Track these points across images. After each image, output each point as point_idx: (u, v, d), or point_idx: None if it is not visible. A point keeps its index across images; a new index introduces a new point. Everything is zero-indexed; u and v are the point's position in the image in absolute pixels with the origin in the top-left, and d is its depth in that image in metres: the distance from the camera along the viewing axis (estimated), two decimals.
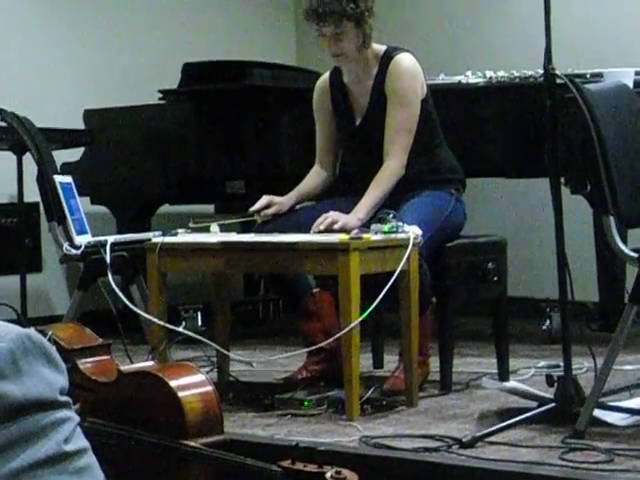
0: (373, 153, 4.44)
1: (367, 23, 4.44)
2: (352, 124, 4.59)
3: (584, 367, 4.34)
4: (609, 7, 6.40)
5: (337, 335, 3.95)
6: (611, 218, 3.56)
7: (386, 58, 4.49)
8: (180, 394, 3.24)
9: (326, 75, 4.70)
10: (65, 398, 0.94)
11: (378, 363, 4.83)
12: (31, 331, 0.94)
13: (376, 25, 4.48)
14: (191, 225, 4.65)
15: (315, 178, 4.66)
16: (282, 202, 4.53)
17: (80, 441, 0.94)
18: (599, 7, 6.44)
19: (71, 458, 0.93)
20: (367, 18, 4.44)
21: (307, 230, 4.22)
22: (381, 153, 4.42)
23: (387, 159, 4.40)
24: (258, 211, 4.51)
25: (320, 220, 4.21)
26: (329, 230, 4.16)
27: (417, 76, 4.48)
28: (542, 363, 4.81)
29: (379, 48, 4.52)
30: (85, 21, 6.74)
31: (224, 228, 4.53)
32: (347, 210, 4.29)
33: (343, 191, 4.59)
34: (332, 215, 4.23)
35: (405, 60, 4.48)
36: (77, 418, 0.96)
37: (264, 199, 4.53)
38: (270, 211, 4.50)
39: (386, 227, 4.01)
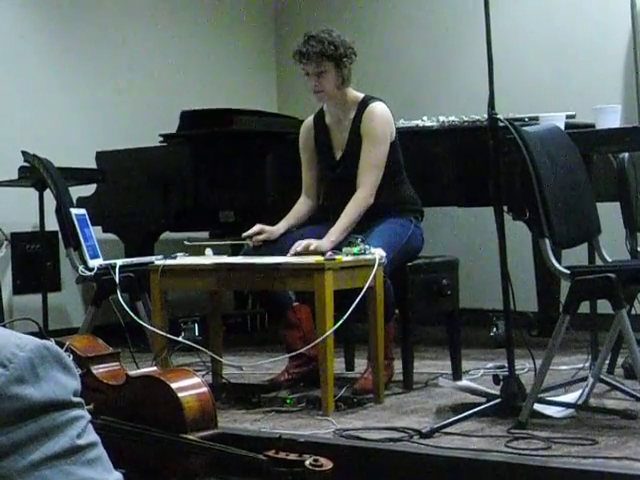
0: (349, 184, 4.42)
1: (346, 66, 4.42)
2: (333, 158, 4.57)
3: (525, 368, 4.34)
4: (544, 61, 6.44)
5: (314, 342, 3.94)
6: (547, 240, 3.57)
7: (363, 104, 4.48)
8: (180, 394, 3.22)
9: (310, 118, 4.68)
10: (78, 399, 0.94)
11: (349, 366, 4.81)
12: (48, 342, 0.94)
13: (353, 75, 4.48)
14: (186, 243, 4.64)
15: (301, 207, 4.61)
16: (272, 231, 4.47)
17: (91, 436, 0.94)
18: (536, 61, 6.47)
19: (83, 451, 0.92)
20: (346, 61, 4.41)
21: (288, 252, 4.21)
22: (355, 185, 4.41)
23: (358, 189, 4.40)
24: (250, 236, 4.48)
25: (295, 246, 4.20)
26: (305, 252, 4.16)
27: (388, 121, 4.47)
28: (489, 364, 4.80)
29: (358, 95, 4.51)
30: (97, 76, 6.73)
31: (217, 251, 4.52)
32: (324, 235, 4.29)
33: (323, 218, 4.56)
34: (306, 241, 4.22)
35: (379, 107, 4.46)
36: (88, 416, 0.95)
37: (256, 227, 4.47)
38: (261, 237, 4.46)
39: (355, 249, 4.02)
